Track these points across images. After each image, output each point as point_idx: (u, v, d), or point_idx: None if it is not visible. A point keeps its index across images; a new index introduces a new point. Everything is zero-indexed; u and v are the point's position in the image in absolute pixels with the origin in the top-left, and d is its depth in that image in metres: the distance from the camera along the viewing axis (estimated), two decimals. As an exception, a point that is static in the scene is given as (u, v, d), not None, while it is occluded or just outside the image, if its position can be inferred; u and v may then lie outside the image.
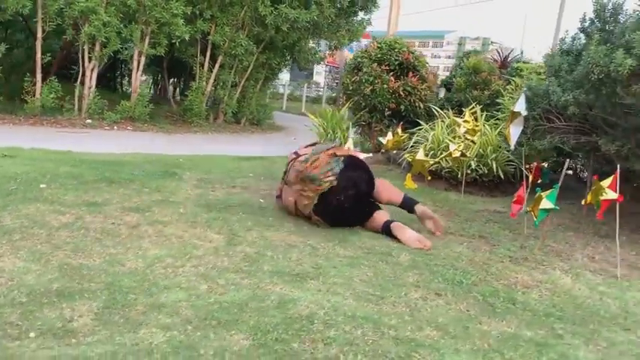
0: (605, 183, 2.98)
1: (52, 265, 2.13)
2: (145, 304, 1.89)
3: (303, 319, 1.93)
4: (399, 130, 5.64)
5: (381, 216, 3.45)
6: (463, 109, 5.54)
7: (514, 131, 3.96)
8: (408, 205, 3.61)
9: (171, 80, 14.74)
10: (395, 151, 5.73)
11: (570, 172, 5.62)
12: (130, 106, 9.83)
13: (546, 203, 3.09)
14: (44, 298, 1.83)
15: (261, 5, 10.06)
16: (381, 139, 5.68)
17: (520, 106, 3.90)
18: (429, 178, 5.07)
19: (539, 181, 4.45)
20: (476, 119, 5.40)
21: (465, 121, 5.15)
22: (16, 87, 9.56)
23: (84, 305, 1.82)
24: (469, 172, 4.97)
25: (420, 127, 5.67)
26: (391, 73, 6.17)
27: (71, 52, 10.87)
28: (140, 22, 9.60)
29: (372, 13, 11.38)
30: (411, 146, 5.41)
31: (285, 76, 26.80)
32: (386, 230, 3.31)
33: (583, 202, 3.15)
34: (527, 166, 4.60)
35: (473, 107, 5.47)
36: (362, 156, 5.29)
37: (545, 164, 4.50)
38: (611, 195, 2.95)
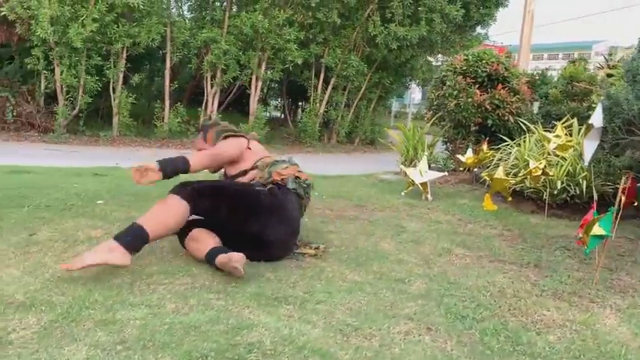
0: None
1: (43, 277, 2.29)
2: (96, 321, 1.93)
3: (244, 347, 1.83)
4: (484, 147, 5.22)
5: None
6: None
7: (589, 146, 3.45)
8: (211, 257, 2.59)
9: (299, 103, 15.34)
10: (477, 169, 5.31)
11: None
12: (247, 128, 10.42)
13: (598, 229, 2.62)
14: (3, 308, 1.97)
15: (372, 26, 10.10)
16: (459, 156, 5.30)
17: (596, 118, 3.39)
18: (510, 199, 4.63)
19: (634, 203, 3.83)
20: (570, 134, 4.80)
21: (556, 136, 4.60)
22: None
23: (35, 317, 1.91)
24: (557, 192, 4.42)
25: (507, 143, 5.19)
26: (477, 86, 5.75)
27: (202, 80, 11.86)
28: (257, 49, 10.18)
29: (489, 27, 10.82)
30: (494, 164, 4.97)
31: (417, 95, 26.42)
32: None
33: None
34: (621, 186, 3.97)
35: (566, 120, 4.86)
36: (437, 174, 5.02)
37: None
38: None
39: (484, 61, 5.82)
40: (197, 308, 2.14)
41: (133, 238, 2.40)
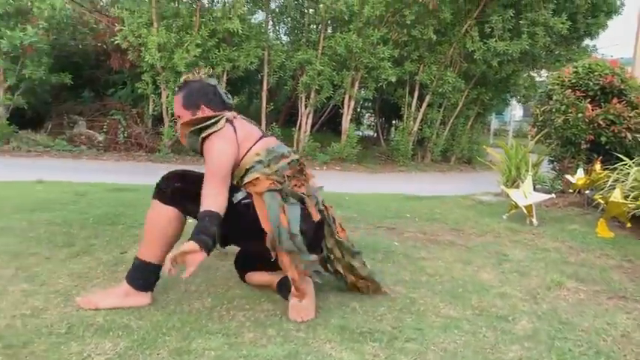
0: None
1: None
2: (170, 349, 1.84)
3: (322, 388, 1.67)
4: (597, 166, 4.71)
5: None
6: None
7: None
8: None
9: (392, 121, 15.12)
10: (589, 191, 4.78)
11: None
12: (340, 147, 10.38)
13: None
14: (82, 331, 1.95)
15: (469, 41, 9.73)
16: (568, 176, 4.81)
17: None
18: (629, 224, 4.12)
19: None
20: None
21: (687, 155, 4.04)
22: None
23: (111, 342, 1.87)
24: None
25: (624, 163, 4.63)
26: (588, 100, 5.22)
27: (297, 100, 12.05)
28: (350, 69, 10.14)
29: (597, 38, 10.02)
30: (609, 186, 4.45)
31: (517, 111, 25.17)
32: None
33: None
34: None
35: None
36: (544, 196, 4.60)
37: None
38: None
39: (596, 73, 5.28)
40: (275, 340, 2.00)
41: (143, 278, 2.23)
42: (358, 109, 14.11)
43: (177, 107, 2.41)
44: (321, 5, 9.51)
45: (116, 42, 8.91)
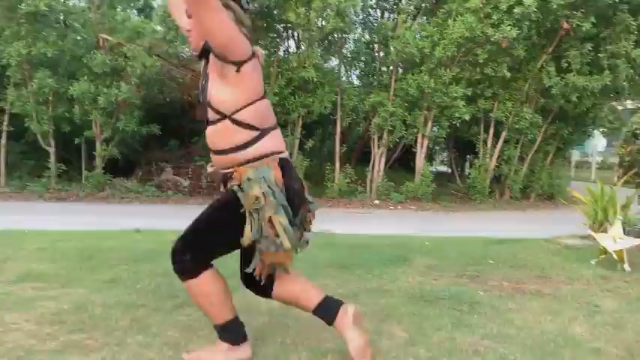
0: None
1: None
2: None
3: None
4: (694, 209, 4.49)
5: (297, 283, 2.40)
6: None
7: None
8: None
9: (467, 156, 14.94)
10: (686, 236, 4.54)
11: None
12: (414, 186, 10.40)
13: None
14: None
15: (546, 77, 9.59)
16: (661, 220, 4.61)
17: None
18: None
19: None
20: None
21: None
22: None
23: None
24: None
25: None
26: (680, 139, 5.03)
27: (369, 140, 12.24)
28: (422, 109, 10.24)
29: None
30: None
31: (601, 142, 24.00)
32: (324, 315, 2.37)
33: None
34: None
35: None
36: (635, 241, 4.44)
37: None
38: None
39: (687, 110, 5.10)
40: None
41: (232, 334, 2.34)
42: (431, 146, 14.09)
43: None
44: (392, 49, 9.74)
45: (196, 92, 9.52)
